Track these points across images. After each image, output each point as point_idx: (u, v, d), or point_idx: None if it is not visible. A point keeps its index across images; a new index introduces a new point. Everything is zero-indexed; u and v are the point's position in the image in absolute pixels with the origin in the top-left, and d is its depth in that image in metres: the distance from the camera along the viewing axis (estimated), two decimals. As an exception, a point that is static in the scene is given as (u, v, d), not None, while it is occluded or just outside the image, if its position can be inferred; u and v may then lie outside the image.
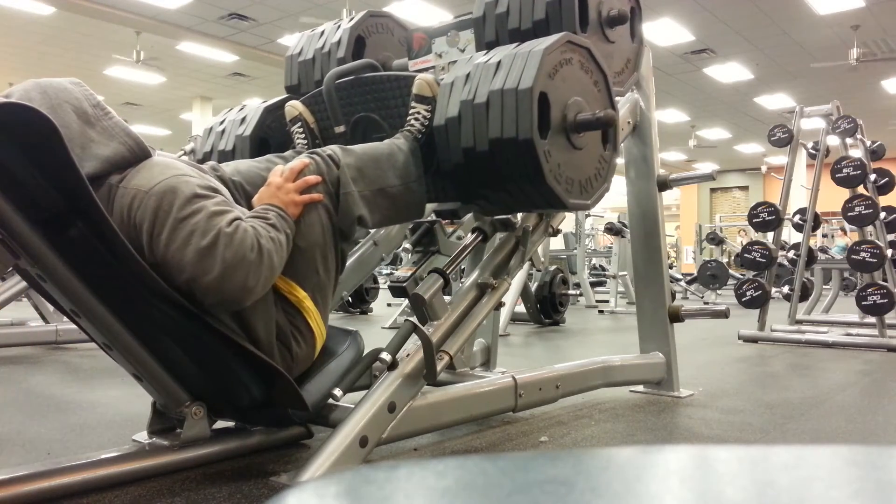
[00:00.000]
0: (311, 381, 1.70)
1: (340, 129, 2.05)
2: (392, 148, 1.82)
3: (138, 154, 1.50)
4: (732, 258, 12.14)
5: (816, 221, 5.06)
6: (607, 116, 1.80)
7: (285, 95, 2.38)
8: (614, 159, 2.01)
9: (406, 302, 2.14)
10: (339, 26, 2.37)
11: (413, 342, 1.76)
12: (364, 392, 1.72)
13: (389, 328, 5.23)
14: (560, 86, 1.78)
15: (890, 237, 5.22)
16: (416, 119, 1.90)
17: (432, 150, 1.89)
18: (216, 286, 1.37)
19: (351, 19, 2.36)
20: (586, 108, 1.85)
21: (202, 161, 2.29)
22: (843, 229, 11.92)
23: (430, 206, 2.62)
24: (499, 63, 1.78)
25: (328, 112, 2.07)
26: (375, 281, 7.02)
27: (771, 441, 2.04)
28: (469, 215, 2.62)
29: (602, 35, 2.16)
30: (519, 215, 2.18)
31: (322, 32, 2.41)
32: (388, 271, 10.22)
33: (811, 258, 5.13)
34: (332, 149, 1.74)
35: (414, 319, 1.74)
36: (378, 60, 2.19)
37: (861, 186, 4.73)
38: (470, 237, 2.08)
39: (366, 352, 1.78)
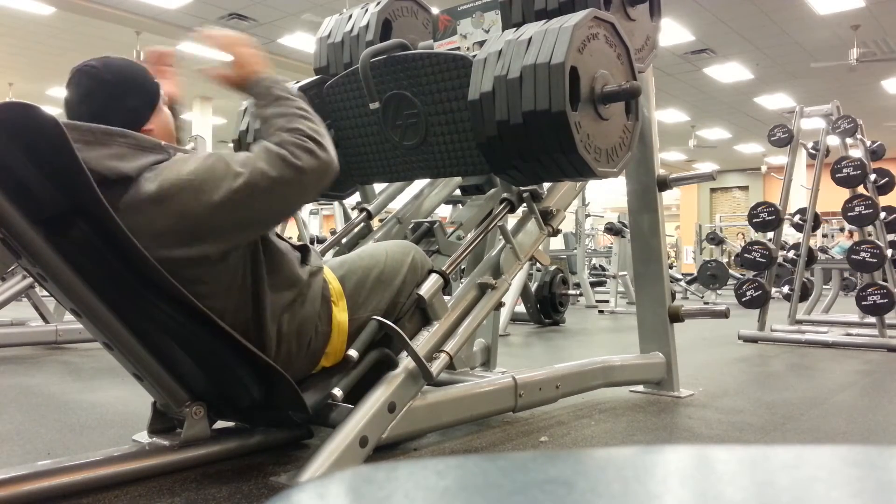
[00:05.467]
0: (311, 381, 1.70)
1: (375, 105, 2.14)
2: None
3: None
4: (732, 258, 12.14)
5: (816, 221, 5.06)
6: (632, 87, 1.89)
7: (319, 77, 2.48)
8: (637, 128, 2.08)
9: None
10: (366, 10, 2.47)
11: (415, 341, 1.76)
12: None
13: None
14: (588, 59, 1.85)
15: (890, 237, 5.22)
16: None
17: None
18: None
19: (378, 3, 2.45)
20: (611, 80, 1.93)
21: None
22: (842, 229, 11.94)
23: (455, 180, 2.66)
24: (530, 39, 1.85)
25: (363, 90, 2.17)
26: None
27: (771, 441, 2.04)
28: (470, 216, 2.63)
29: (624, 13, 2.25)
30: (545, 186, 2.26)
31: (350, 16, 2.51)
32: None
33: (811, 258, 5.13)
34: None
35: (378, 318, 1.75)
36: None
37: (861, 186, 4.73)
38: (499, 208, 2.14)
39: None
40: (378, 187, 2.70)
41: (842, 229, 11.55)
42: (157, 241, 1.38)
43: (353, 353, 1.66)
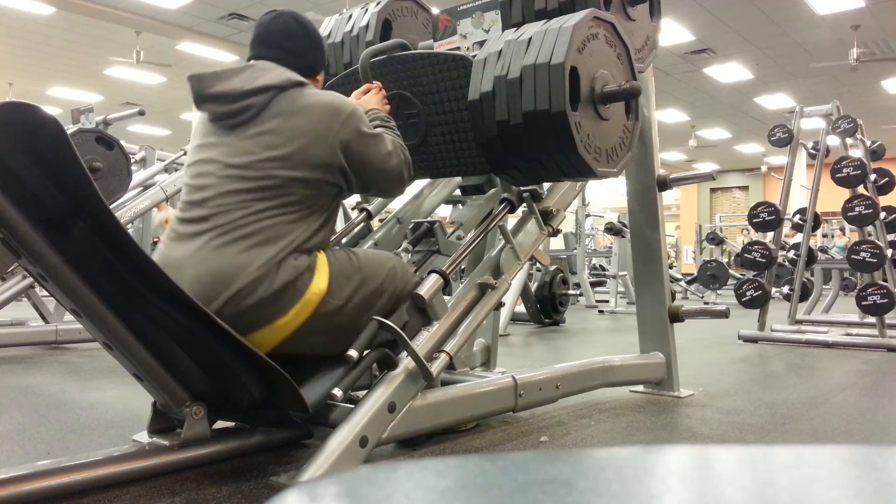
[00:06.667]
0: (311, 381, 1.70)
1: None
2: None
3: None
4: (732, 258, 12.14)
5: (816, 221, 5.06)
6: (632, 87, 1.89)
7: None
8: (637, 128, 2.08)
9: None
10: (366, 10, 2.46)
11: (415, 341, 1.76)
12: (364, 392, 1.72)
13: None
14: (588, 60, 1.85)
15: (890, 237, 5.22)
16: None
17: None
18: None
19: (378, 3, 2.45)
20: (611, 80, 1.93)
21: None
22: (842, 229, 11.95)
23: (455, 180, 2.66)
24: (530, 39, 1.85)
25: None
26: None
27: (771, 441, 2.04)
28: (470, 216, 2.63)
29: (624, 13, 2.26)
30: (545, 186, 2.26)
31: (350, 16, 2.50)
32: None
33: (811, 258, 5.13)
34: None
35: (379, 318, 1.73)
36: None
37: (861, 186, 4.73)
38: (499, 208, 2.14)
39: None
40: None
41: (842, 229, 11.57)
42: (324, 141, 1.67)
43: (352, 353, 1.66)
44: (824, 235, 12.35)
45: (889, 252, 4.57)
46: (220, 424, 1.77)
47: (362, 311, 1.75)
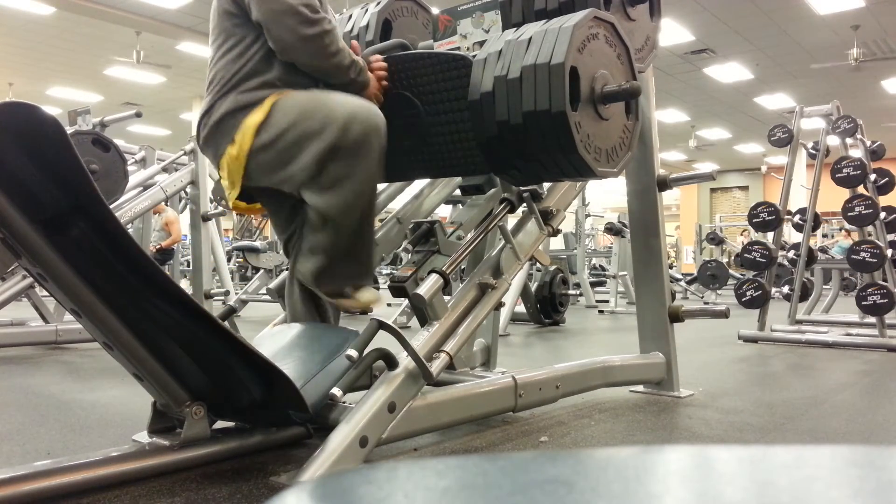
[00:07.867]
0: (311, 381, 1.70)
1: None
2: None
3: None
4: (732, 258, 12.14)
5: (816, 221, 5.06)
6: (632, 87, 1.89)
7: None
8: (637, 128, 2.08)
9: (406, 302, 2.15)
10: (366, 10, 2.46)
11: (414, 341, 1.76)
12: (364, 392, 1.72)
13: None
14: (588, 60, 1.85)
15: (890, 237, 5.22)
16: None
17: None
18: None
19: (378, 3, 2.44)
20: (611, 80, 1.93)
21: None
22: (841, 229, 11.96)
23: (455, 180, 2.66)
24: (529, 39, 1.85)
25: None
26: (375, 281, 7.02)
27: (771, 441, 2.04)
28: (470, 216, 2.63)
29: (624, 13, 2.26)
30: (545, 186, 2.26)
31: (350, 16, 2.50)
32: (388, 271, 10.23)
33: (811, 258, 5.13)
34: None
35: (379, 317, 1.74)
36: None
37: (861, 186, 4.73)
38: (499, 208, 2.14)
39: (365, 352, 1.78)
40: (378, 187, 2.69)
41: (841, 229, 11.57)
42: None
43: (352, 352, 1.66)
44: (824, 235, 12.36)
45: (889, 252, 4.57)
46: (220, 424, 1.76)
47: (290, 152, 1.84)
